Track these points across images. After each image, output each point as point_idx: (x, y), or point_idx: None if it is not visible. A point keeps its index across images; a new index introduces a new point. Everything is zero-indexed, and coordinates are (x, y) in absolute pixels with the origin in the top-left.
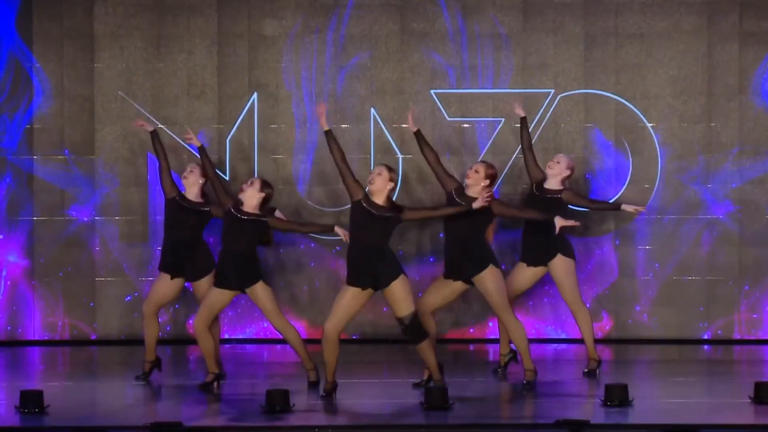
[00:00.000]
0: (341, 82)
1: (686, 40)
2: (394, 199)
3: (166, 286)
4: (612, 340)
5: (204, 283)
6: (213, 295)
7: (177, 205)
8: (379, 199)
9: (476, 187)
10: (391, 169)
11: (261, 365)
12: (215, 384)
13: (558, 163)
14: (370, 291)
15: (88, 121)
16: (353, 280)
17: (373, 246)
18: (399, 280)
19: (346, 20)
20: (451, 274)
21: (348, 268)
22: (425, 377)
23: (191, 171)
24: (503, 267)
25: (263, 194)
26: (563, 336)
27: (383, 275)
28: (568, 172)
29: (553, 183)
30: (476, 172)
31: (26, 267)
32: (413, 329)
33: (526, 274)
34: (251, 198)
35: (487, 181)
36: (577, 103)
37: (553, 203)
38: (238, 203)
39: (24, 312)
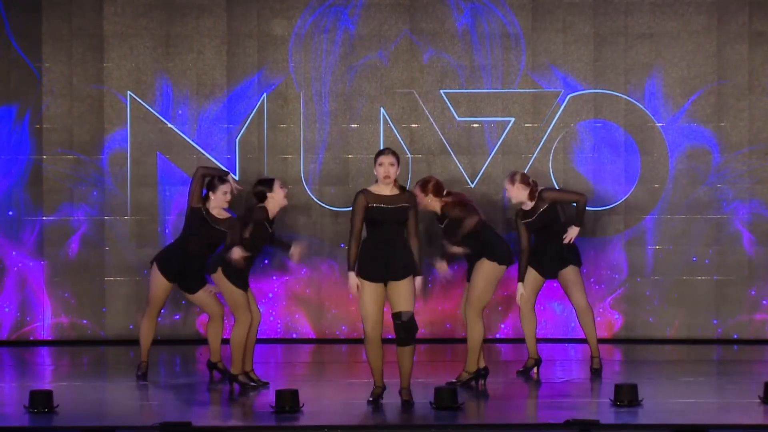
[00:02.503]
0: (350, 81)
1: (696, 40)
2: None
3: (164, 291)
4: (621, 339)
5: (201, 295)
6: (243, 298)
7: (201, 217)
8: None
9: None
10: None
11: (270, 365)
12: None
13: (509, 189)
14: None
15: (97, 121)
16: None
17: (391, 239)
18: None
19: (355, 20)
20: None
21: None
22: (466, 375)
23: (225, 192)
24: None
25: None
26: (571, 336)
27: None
28: (527, 189)
29: (529, 203)
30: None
31: (36, 267)
32: (409, 327)
33: (536, 282)
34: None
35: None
36: (586, 103)
37: (547, 216)
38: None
39: (34, 312)
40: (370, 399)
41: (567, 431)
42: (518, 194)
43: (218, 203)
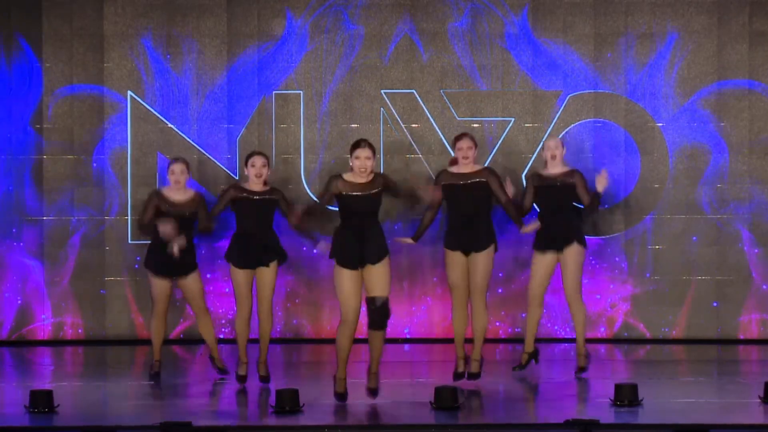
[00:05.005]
0: (351, 81)
1: (696, 40)
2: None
3: (162, 288)
4: (621, 339)
5: (191, 282)
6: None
7: (161, 209)
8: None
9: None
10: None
11: (270, 365)
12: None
13: (556, 148)
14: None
15: (97, 121)
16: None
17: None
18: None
19: (355, 20)
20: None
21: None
22: (469, 368)
23: (182, 173)
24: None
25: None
26: (572, 336)
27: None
28: (564, 150)
29: (558, 166)
30: (470, 148)
31: (36, 267)
32: (383, 312)
33: (544, 263)
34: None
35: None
36: (586, 103)
37: (565, 189)
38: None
39: (34, 311)
40: (339, 392)
41: (567, 431)
42: (561, 152)
43: (172, 185)
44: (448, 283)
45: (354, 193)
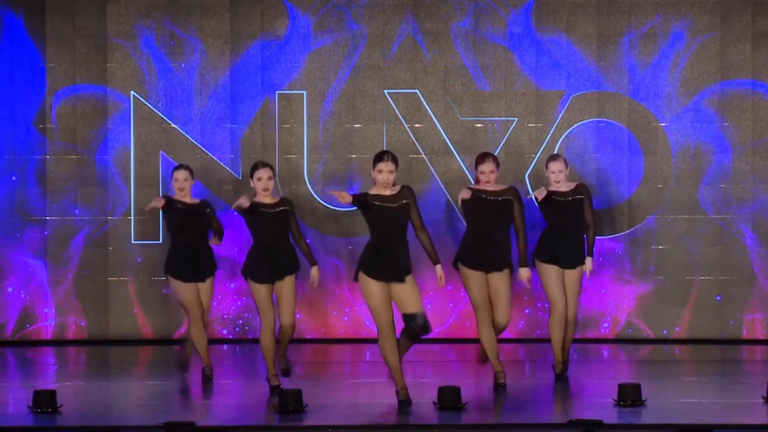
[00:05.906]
0: (354, 81)
1: (699, 40)
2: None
3: (190, 292)
4: (624, 339)
5: (207, 286)
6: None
7: (173, 209)
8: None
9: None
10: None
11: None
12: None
13: (561, 171)
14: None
15: (100, 121)
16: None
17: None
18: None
19: (359, 20)
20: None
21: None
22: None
23: (185, 180)
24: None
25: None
26: (575, 336)
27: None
28: (568, 169)
29: (564, 185)
30: (492, 172)
31: (40, 266)
32: (424, 329)
33: (557, 273)
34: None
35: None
36: (589, 103)
37: (577, 205)
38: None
39: (37, 311)
40: (402, 400)
41: (570, 431)
42: (566, 173)
43: (177, 193)
44: (472, 301)
45: (382, 204)
